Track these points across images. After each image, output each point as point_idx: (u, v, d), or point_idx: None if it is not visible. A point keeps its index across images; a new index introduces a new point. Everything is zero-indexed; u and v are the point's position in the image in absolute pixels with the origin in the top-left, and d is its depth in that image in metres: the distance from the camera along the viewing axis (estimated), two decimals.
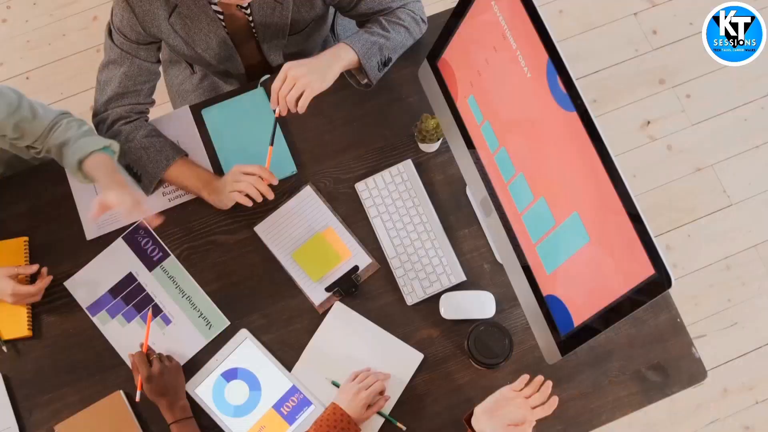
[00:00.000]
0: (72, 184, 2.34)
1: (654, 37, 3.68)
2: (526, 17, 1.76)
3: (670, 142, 3.55)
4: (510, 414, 1.85)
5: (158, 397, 2.07)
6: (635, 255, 1.63)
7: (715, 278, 3.40)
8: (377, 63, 2.24)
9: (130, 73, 2.26)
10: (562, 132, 1.74)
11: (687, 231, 3.45)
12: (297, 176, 2.33)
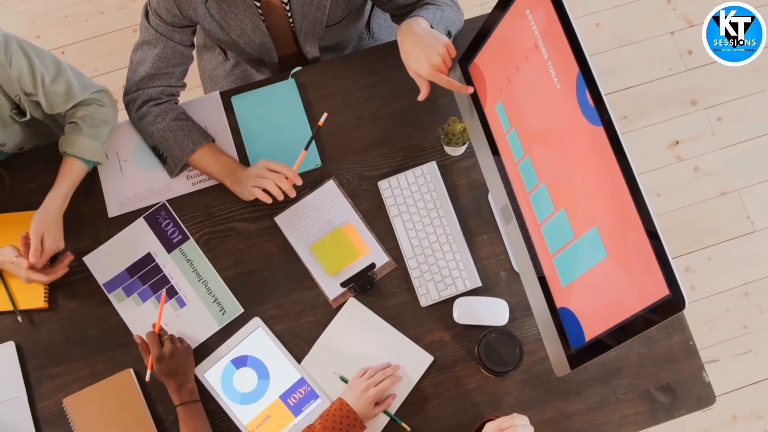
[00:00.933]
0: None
1: (689, 57, 3.66)
2: (560, 28, 1.76)
3: (697, 164, 3.53)
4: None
5: (167, 378, 2.09)
6: (651, 274, 1.63)
7: (732, 304, 3.38)
8: (443, 31, 2.23)
9: (163, 55, 2.28)
10: (587, 145, 1.74)
11: (708, 254, 3.43)
12: (321, 170, 2.33)
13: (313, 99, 2.40)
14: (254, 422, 2.15)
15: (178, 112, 2.33)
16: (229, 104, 2.41)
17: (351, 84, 2.42)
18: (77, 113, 2.25)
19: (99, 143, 2.27)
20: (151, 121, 2.30)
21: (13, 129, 2.28)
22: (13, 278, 2.25)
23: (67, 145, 2.24)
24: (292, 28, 2.36)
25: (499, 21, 2.00)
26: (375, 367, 2.15)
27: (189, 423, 2.05)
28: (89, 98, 2.26)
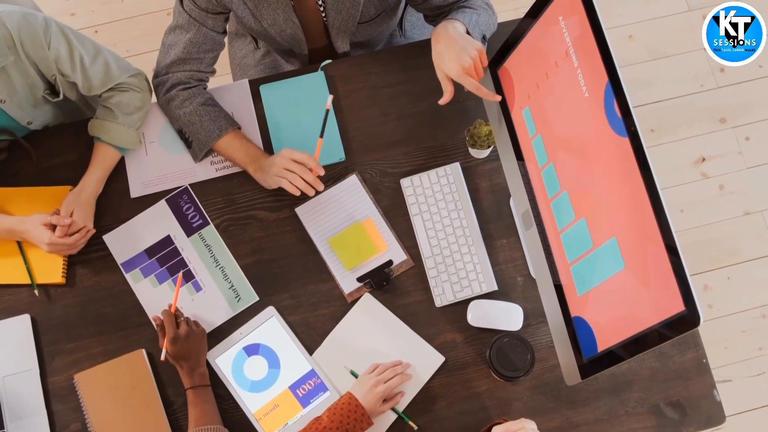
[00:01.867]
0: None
1: (721, 75, 3.64)
2: (592, 37, 1.76)
3: (722, 182, 3.52)
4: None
5: (180, 360, 2.09)
6: (668, 289, 1.62)
7: (748, 325, 3.36)
8: (479, 35, 2.22)
9: (195, 40, 2.28)
10: (612, 156, 1.73)
11: (727, 273, 3.42)
12: (344, 164, 2.34)
13: (341, 93, 2.41)
14: (262, 410, 2.16)
15: (206, 97, 2.34)
16: (257, 93, 2.42)
17: (379, 80, 2.42)
18: (113, 99, 2.27)
19: (133, 130, 2.29)
20: (179, 104, 2.31)
21: (43, 108, 2.30)
22: (32, 252, 2.27)
23: (102, 132, 2.27)
24: (324, 22, 2.37)
25: (532, 26, 2.00)
26: (386, 363, 2.16)
27: (198, 407, 2.06)
28: (126, 82, 2.28)
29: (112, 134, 2.27)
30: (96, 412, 2.16)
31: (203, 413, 2.05)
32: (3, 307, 2.26)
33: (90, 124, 2.29)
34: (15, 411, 2.18)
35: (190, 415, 2.06)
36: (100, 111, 2.29)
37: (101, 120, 2.27)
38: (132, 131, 2.29)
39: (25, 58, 2.09)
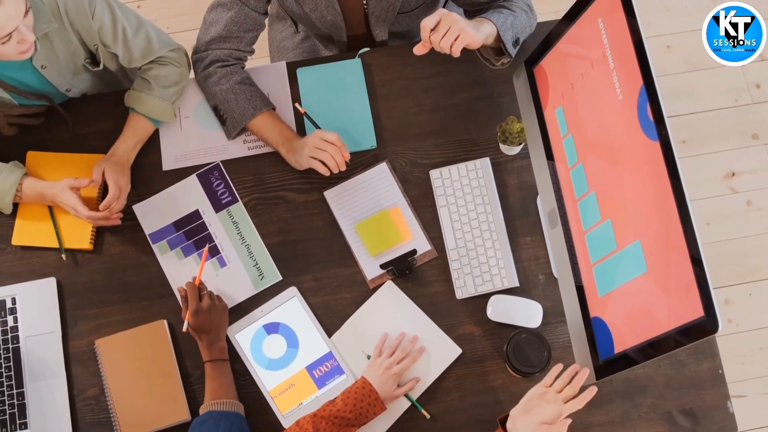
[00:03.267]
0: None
1: (756, 91, 3.63)
2: (629, 40, 1.76)
3: (750, 198, 3.50)
4: (542, 412, 1.83)
5: (200, 333, 2.12)
6: (689, 295, 1.63)
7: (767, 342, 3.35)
8: (511, 38, 2.23)
9: (236, 19, 2.30)
10: (642, 160, 1.74)
11: (749, 289, 3.41)
12: (375, 151, 2.35)
13: (376, 81, 2.42)
14: (278, 389, 2.18)
15: (244, 76, 2.36)
16: (294, 76, 2.44)
17: (415, 71, 2.43)
18: (151, 71, 2.30)
19: (169, 104, 2.32)
20: (216, 81, 2.33)
21: (83, 77, 2.33)
22: (62, 217, 2.30)
23: (137, 103, 2.30)
24: (365, 10, 2.38)
25: (570, 26, 2.00)
26: (392, 342, 2.18)
27: (215, 380, 2.08)
28: (166, 56, 2.30)
29: (147, 106, 2.30)
30: (114, 379, 2.19)
31: (220, 386, 2.07)
32: (30, 269, 2.29)
33: (126, 95, 2.32)
34: (35, 372, 2.21)
35: (207, 387, 2.08)
36: (138, 82, 2.32)
37: (137, 91, 2.30)
38: (167, 104, 2.32)
39: (69, 26, 2.12)
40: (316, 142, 2.22)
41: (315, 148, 2.22)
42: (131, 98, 2.31)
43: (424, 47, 2.07)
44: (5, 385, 2.20)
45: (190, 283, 2.15)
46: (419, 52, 2.08)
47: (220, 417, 2.00)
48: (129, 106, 2.32)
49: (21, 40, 1.94)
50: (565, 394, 1.85)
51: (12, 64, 2.12)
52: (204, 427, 1.98)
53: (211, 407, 2.03)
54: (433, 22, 2.03)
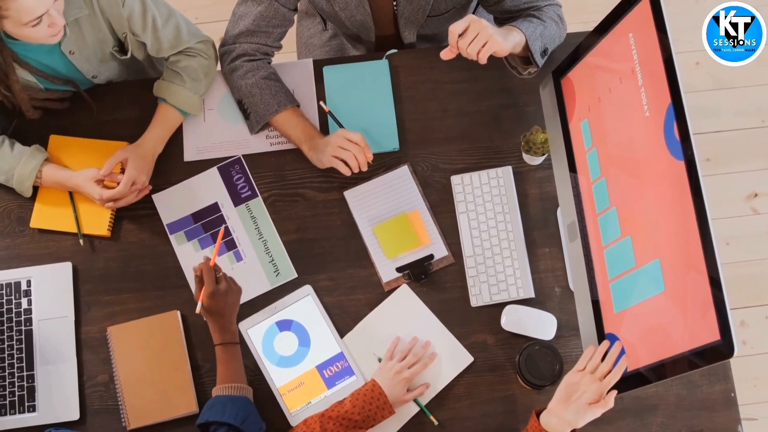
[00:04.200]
0: None
1: None
2: (659, 57, 1.75)
3: None
4: (585, 395, 1.86)
5: (214, 316, 2.07)
6: (705, 317, 1.62)
7: None
8: (540, 48, 2.21)
9: (266, 14, 2.30)
10: (666, 178, 1.73)
11: (766, 312, 3.38)
12: (398, 154, 2.34)
13: (402, 83, 2.42)
14: (287, 386, 2.18)
15: (270, 71, 2.36)
16: (320, 74, 2.44)
17: (442, 75, 2.42)
18: (180, 63, 2.30)
19: (198, 96, 2.32)
20: (242, 75, 2.33)
21: (110, 65, 2.34)
22: (82, 203, 2.30)
23: (167, 94, 2.30)
24: (394, 11, 2.38)
25: (601, 39, 1.99)
26: (404, 347, 2.18)
27: (226, 364, 2.06)
28: (195, 48, 2.31)
29: (178, 97, 2.30)
30: (124, 367, 2.19)
31: (230, 371, 2.05)
32: (47, 252, 2.30)
33: (156, 85, 2.32)
34: (46, 355, 2.22)
35: (219, 372, 2.06)
36: (168, 73, 2.32)
37: (168, 82, 2.30)
38: (196, 97, 2.32)
39: (99, 13, 2.13)
40: (339, 141, 2.22)
41: (338, 147, 2.22)
42: (161, 89, 2.31)
43: (451, 52, 2.06)
44: (16, 367, 2.20)
45: (206, 265, 2.08)
46: (446, 56, 2.07)
47: (227, 401, 1.99)
48: (158, 96, 2.32)
49: (51, 24, 1.95)
50: (602, 370, 1.88)
51: (40, 48, 2.12)
52: (212, 410, 1.98)
53: (220, 391, 2.02)
54: (461, 28, 2.02)
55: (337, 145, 2.22)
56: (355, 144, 2.20)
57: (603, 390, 1.85)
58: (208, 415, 1.97)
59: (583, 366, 1.91)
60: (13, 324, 2.23)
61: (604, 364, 1.88)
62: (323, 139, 2.27)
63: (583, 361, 1.92)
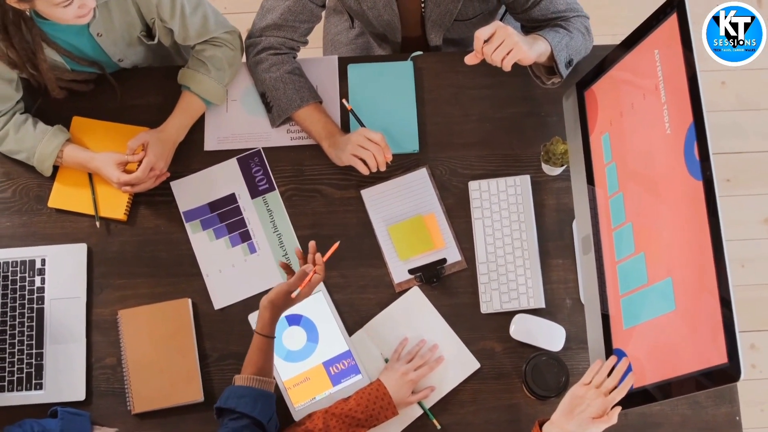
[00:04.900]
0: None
1: None
2: (684, 75, 1.74)
3: None
4: (589, 409, 1.85)
5: (281, 310, 2.05)
6: (714, 339, 1.61)
7: None
8: (565, 59, 2.21)
9: (294, 9, 2.31)
10: (683, 197, 1.72)
11: None
12: (417, 156, 2.35)
13: (426, 86, 2.42)
14: (292, 380, 2.18)
15: (294, 66, 2.36)
16: (345, 71, 2.44)
17: (466, 80, 2.42)
18: (206, 52, 2.31)
19: (222, 86, 2.33)
20: (266, 68, 2.34)
21: (136, 49, 2.35)
22: (101, 185, 2.31)
23: (192, 82, 2.31)
24: (422, 13, 2.38)
25: (626, 54, 1.99)
26: (412, 349, 2.18)
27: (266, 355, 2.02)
28: (221, 38, 2.31)
29: (202, 86, 2.31)
30: (133, 351, 2.20)
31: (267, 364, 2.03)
32: (63, 233, 2.32)
33: (181, 73, 2.33)
34: (55, 334, 2.23)
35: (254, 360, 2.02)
36: (193, 62, 2.33)
37: (193, 71, 2.31)
38: (220, 87, 2.33)
39: None
40: (359, 140, 2.22)
41: (358, 146, 2.22)
42: (186, 77, 2.32)
43: (476, 57, 2.06)
44: (25, 344, 2.22)
45: (320, 274, 2.07)
46: (470, 62, 2.07)
47: (259, 396, 1.99)
48: (182, 84, 2.33)
49: (81, 5, 1.96)
50: (607, 386, 1.88)
51: (69, 28, 2.13)
52: (241, 401, 1.96)
53: (248, 381, 2.00)
54: (487, 34, 2.02)
55: (357, 143, 2.22)
56: (375, 144, 2.21)
57: (607, 405, 1.85)
58: (235, 403, 1.96)
59: (589, 380, 1.91)
60: (26, 301, 2.25)
61: (610, 380, 1.88)
62: (344, 136, 2.28)
63: (589, 374, 1.92)
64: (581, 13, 2.28)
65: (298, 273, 2.05)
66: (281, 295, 2.02)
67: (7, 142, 2.28)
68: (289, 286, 2.03)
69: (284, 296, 2.02)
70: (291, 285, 2.03)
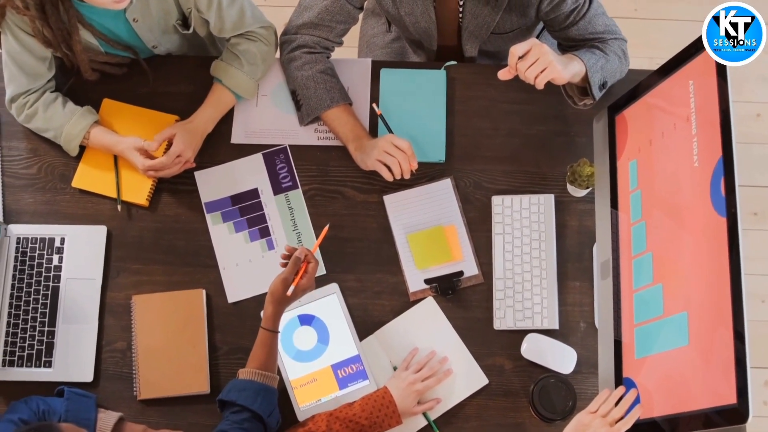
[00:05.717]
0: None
1: None
2: (717, 109, 1.73)
3: None
4: None
5: (284, 304, 2.05)
6: (725, 378, 1.61)
7: None
8: (599, 81, 2.20)
9: (331, 9, 2.30)
10: (706, 232, 1.71)
11: None
12: (442, 166, 2.34)
13: (457, 96, 2.41)
14: (299, 380, 2.18)
15: (327, 66, 2.36)
16: (377, 75, 2.44)
17: (498, 94, 2.41)
18: (240, 45, 2.31)
19: (254, 81, 2.33)
20: (299, 66, 2.33)
21: (171, 37, 2.36)
22: (126, 169, 2.32)
23: (224, 76, 2.32)
24: (459, 23, 2.37)
25: (661, 82, 1.97)
26: (421, 359, 2.17)
27: (269, 350, 2.03)
28: (256, 32, 2.31)
29: (234, 80, 2.31)
30: (143, 337, 2.21)
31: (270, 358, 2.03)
32: (84, 213, 2.33)
33: (214, 65, 2.33)
34: (69, 314, 2.24)
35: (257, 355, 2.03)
36: (227, 55, 2.33)
37: (226, 63, 2.31)
38: (252, 82, 2.33)
39: None
40: (386, 146, 2.22)
41: (384, 152, 2.21)
42: (219, 69, 2.33)
43: (509, 73, 2.05)
44: (38, 321, 2.23)
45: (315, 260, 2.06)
46: (504, 77, 2.06)
47: (261, 390, 1.99)
48: (214, 76, 2.33)
49: None
50: (614, 416, 1.87)
51: (106, 12, 2.14)
52: (242, 394, 1.97)
53: (251, 375, 2.01)
54: (522, 50, 2.00)
55: (384, 149, 2.21)
56: (402, 151, 2.20)
57: None
58: (236, 396, 1.97)
59: (595, 408, 1.90)
60: (42, 279, 2.26)
61: (617, 410, 1.87)
62: (370, 141, 2.27)
63: (596, 403, 1.91)
64: (619, 36, 2.27)
65: (292, 260, 2.04)
66: (279, 286, 2.02)
67: (36, 119, 2.29)
68: (286, 276, 2.03)
69: (282, 287, 2.02)
70: (287, 273, 2.03)
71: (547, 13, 2.22)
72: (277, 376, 2.05)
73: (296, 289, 2.02)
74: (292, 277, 2.03)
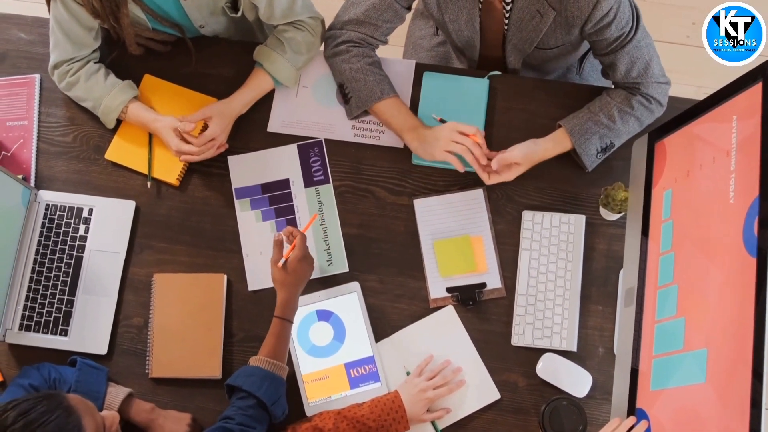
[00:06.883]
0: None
1: None
2: (758, 147, 1.69)
3: None
4: None
5: (289, 286, 2.06)
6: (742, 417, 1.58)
7: None
8: (596, 150, 2.23)
9: (379, 6, 2.29)
10: (734, 271, 1.69)
11: None
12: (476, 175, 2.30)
13: (498, 107, 2.39)
14: (311, 375, 2.18)
15: (375, 59, 2.35)
16: (420, 77, 2.42)
17: (539, 108, 2.39)
18: (287, 33, 2.31)
19: (295, 69, 2.33)
20: (346, 59, 2.32)
21: (219, 19, 2.35)
22: (159, 147, 2.33)
23: (266, 60, 2.31)
24: (504, 35, 2.35)
25: (704, 113, 1.94)
26: (435, 367, 2.16)
27: (278, 339, 2.04)
28: (305, 21, 2.31)
29: (275, 66, 2.30)
30: (161, 316, 2.22)
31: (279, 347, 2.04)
32: (114, 186, 2.34)
33: (257, 50, 2.33)
34: (89, 285, 2.25)
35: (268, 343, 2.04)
36: (271, 40, 2.33)
37: (270, 49, 2.31)
38: (294, 70, 2.32)
39: None
40: (452, 134, 2.19)
41: (451, 141, 2.19)
42: (262, 54, 2.32)
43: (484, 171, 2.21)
44: (59, 289, 2.24)
45: (299, 231, 2.10)
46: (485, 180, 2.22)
47: (266, 377, 1.99)
48: (257, 61, 2.33)
49: None
50: None
51: None
52: (249, 380, 1.97)
53: (261, 363, 2.01)
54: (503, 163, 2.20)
55: (450, 138, 2.18)
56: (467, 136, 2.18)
57: None
58: (242, 381, 1.97)
59: None
60: (66, 247, 2.27)
61: None
62: (430, 130, 2.25)
63: (606, 430, 1.89)
64: (659, 80, 2.23)
65: (274, 244, 2.09)
66: (273, 269, 2.07)
67: (77, 88, 2.30)
68: (274, 258, 2.08)
69: (275, 268, 2.07)
70: (274, 256, 2.08)
71: (590, 35, 2.20)
72: (287, 367, 2.05)
73: (288, 262, 2.05)
74: (279, 258, 2.06)
